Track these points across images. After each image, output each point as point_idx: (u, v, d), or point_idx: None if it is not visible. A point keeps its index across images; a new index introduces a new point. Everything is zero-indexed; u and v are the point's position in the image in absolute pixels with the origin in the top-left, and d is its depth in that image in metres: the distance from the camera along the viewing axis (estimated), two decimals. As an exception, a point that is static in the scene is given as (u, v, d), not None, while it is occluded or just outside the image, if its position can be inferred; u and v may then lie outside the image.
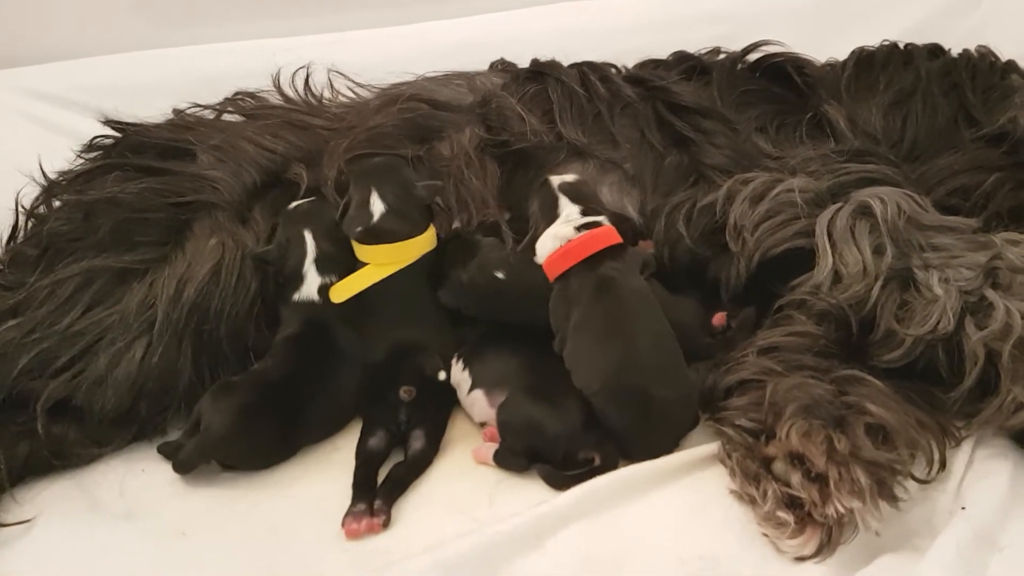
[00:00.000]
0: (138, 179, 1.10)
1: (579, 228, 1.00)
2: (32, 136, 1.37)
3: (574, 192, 1.05)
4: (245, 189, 1.11)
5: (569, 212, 1.03)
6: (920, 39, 1.51)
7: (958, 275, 0.90)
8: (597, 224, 1.00)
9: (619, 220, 1.06)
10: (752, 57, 1.24)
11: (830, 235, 0.96)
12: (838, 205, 0.98)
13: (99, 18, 1.56)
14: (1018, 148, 1.10)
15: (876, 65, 1.21)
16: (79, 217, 1.06)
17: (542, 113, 1.18)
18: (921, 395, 0.90)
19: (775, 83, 1.21)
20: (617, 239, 0.99)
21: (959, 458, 0.87)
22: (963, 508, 0.81)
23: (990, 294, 0.88)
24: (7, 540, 0.89)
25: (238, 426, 0.92)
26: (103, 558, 0.87)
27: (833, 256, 0.94)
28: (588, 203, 1.04)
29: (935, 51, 1.23)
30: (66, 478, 0.97)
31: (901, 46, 1.24)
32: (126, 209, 1.06)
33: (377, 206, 1.04)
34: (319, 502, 0.90)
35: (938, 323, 0.88)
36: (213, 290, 1.02)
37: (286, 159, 1.15)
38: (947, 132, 1.12)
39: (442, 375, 0.98)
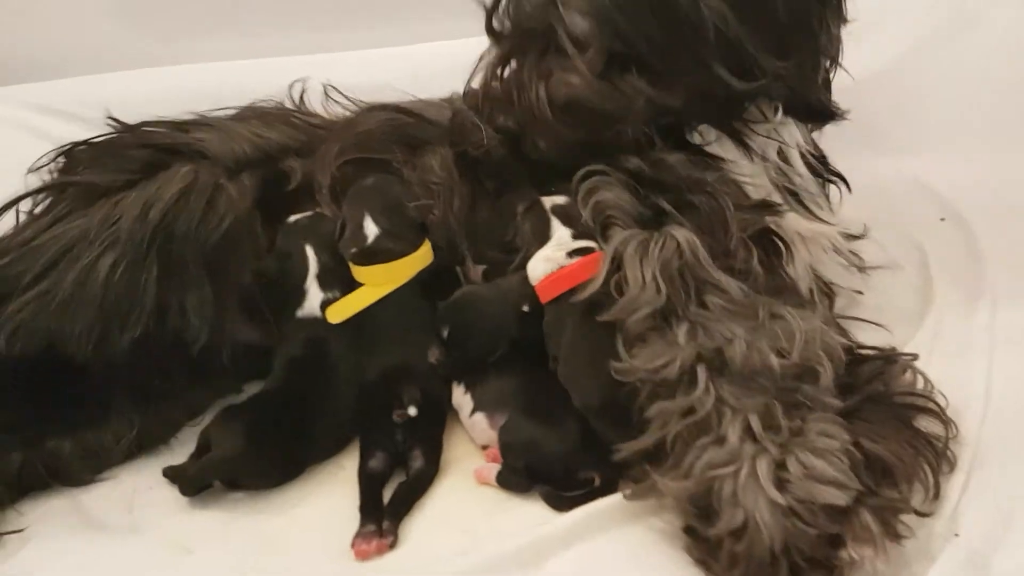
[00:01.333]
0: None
1: (571, 254, 1.00)
2: (40, 152, 1.39)
3: (565, 214, 1.04)
4: (235, 155, 1.12)
5: (561, 235, 1.02)
6: (917, 60, 1.53)
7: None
8: (588, 250, 1.00)
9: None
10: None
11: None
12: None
13: (104, 34, 1.59)
14: None
15: None
16: (61, 163, 1.09)
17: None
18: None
19: None
20: None
21: (954, 483, 0.87)
22: (956, 535, 0.82)
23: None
24: (9, 552, 0.90)
25: (247, 447, 0.93)
26: (109, 572, 0.87)
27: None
28: (578, 226, 1.04)
29: None
30: (73, 493, 0.98)
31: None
32: (104, 148, 1.08)
33: (371, 228, 1.05)
34: (324, 520, 0.91)
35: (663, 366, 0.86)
36: (180, 213, 1.01)
37: (281, 146, 1.16)
38: None
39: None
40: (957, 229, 1.29)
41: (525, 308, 1.02)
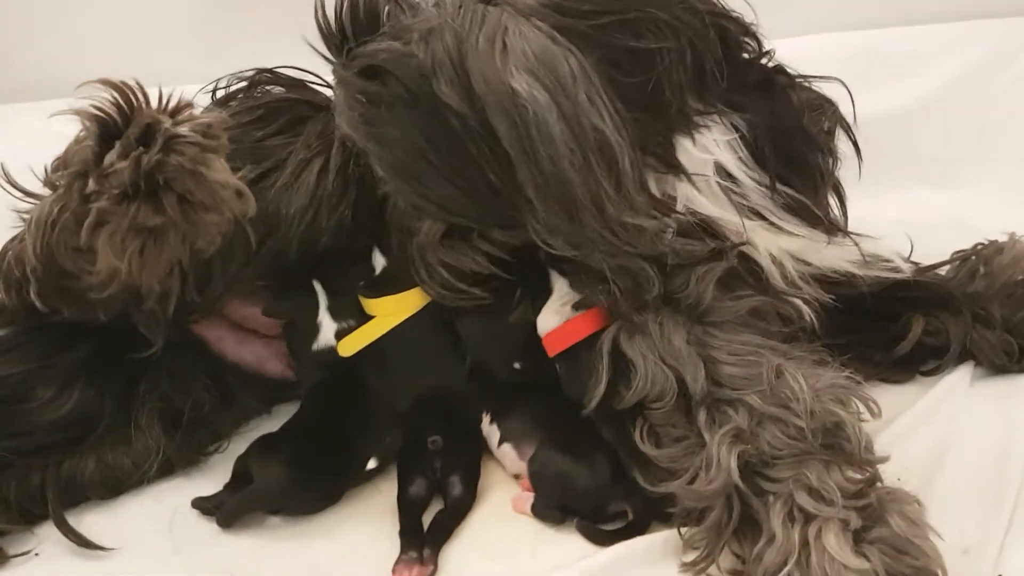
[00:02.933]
0: None
1: (576, 307, 0.98)
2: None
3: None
4: None
5: (560, 287, 1.00)
6: (957, 94, 1.54)
7: None
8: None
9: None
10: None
11: None
12: None
13: (158, 50, 1.62)
14: None
15: None
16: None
17: None
18: None
19: None
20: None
21: (999, 522, 0.86)
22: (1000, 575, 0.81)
23: None
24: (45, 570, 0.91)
25: (289, 480, 0.93)
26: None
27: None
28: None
29: None
30: (114, 512, 0.99)
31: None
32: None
33: (379, 260, 1.06)
34: (363, 544, 0.92)
35: None
36: None
37: None
38: None
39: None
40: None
41: (516, 365, 1.02)
